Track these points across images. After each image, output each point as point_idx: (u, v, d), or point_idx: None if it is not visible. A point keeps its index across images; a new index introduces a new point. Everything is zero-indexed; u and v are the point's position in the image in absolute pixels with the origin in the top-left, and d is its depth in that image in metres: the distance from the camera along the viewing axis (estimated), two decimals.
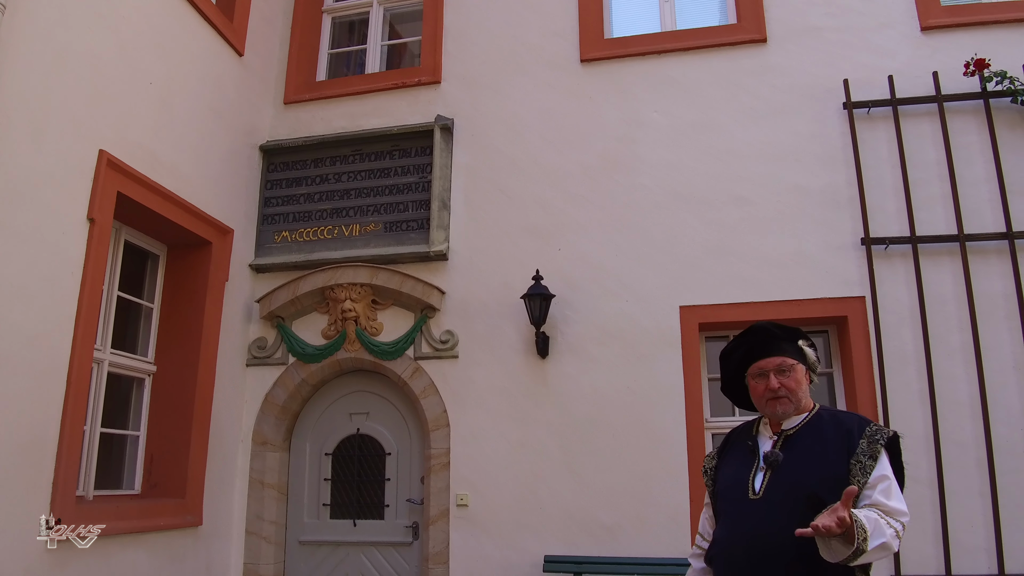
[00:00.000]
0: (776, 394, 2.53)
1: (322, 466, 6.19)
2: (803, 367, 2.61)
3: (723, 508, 2.58)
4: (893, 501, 2.33)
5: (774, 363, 2.56)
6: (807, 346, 2.66)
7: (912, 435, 5.10)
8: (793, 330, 2.67)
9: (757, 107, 5.84)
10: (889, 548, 2.24)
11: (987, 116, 5.46)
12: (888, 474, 2.38)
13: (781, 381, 2.54)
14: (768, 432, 2.61)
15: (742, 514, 2.46)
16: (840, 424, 2.50)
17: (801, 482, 2.38)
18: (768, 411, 2.59)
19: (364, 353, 5.98)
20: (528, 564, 5.39)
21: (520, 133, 6.20)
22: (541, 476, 5.53)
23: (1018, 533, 4.88)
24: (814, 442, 2.48)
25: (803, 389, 2.58)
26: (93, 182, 4.60)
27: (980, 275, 5.26)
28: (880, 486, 2.34)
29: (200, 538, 5.49)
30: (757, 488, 2.46)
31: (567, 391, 5.63)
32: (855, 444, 2.41)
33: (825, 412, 2.61)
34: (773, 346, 2.60)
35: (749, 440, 2.65)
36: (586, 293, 5.76)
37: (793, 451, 2.48)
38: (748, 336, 2.70)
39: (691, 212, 5.74)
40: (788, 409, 2.55)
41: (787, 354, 2.58)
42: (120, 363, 5.24)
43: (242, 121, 6.30)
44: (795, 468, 2.43)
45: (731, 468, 2.64)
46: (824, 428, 2.51)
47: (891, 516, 2.29)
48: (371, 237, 6.21)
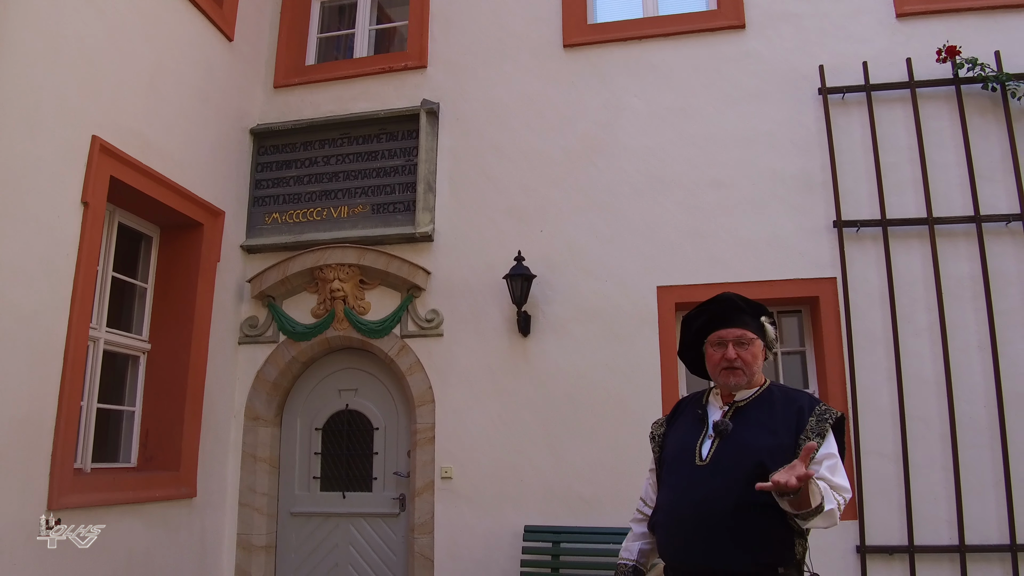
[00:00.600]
0: (732, 364, 2.54)
1: (312, 440, 6.39)
2: (761, 343, 2.62)
3: (668, 474, 2.58)
4: (838, 478, 2.36)
5: (734, 334, 2.57)
6: (768, 323, 2.67)
7: (879, 411, 5.31)
8: (757, 305, 2.68)
9: (734, 93, 5.96)
10: (834, 517, 2.27)
11: (958, 102, 5.59)
12: (835, 452, 2.42)
13: (739, 352, 2.54)
14: (718, 402, 2.63)
15: (688, 480, 2.46)
16: (791, 401, 2.53)
17: (748, 451, 2.39)
18: (721, 380, 2.59)
19: (352, 331, 6.16)
20: (509, 534, 5.60)
21: (504, 117, 6.33)
22: (522, 450, 5.72)
23: (978, 506, 5.08)
24: (764, 415, 2.50)
25: (758, 364, 2.59)
26: (86, 167, 4.74)
27: (948, 257, 5.42)
28: (827, 463, 2.37)
29: (195, 509, 5.69)
30: (704, 455, 2.47)
31: (548, 368, 5.80)
32: (804, 421, 2.44)
33: (776, 388, 2.63)
34: (736, 317, 2.60)
35: (699, 409, 2.65)
36: (566, 274, 5.91)
37: (742, 422, 2.50)
38: (713, 304, 2.69)
39: (668, 195, 5.88)
40: (741, 381, 2.56)
41: (748, 327, 2.59)
42: (115, 341, 5.41)
43: (232, 105, 6.42)
44: (743, 437, 2.45)
45: (679, 435, 2.64)
46: (775, 403, 2.53)
47: (835, 491, 2.32)
48: (359, 219, 6.37)
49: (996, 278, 5.32)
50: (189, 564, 5.58)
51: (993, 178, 5.47)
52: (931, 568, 5.06)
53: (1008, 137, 5.46)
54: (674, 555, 2.44)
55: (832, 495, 2.28)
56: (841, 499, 2.32)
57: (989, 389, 5.20)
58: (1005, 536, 5.00)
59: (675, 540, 2.44)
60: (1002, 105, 5.51)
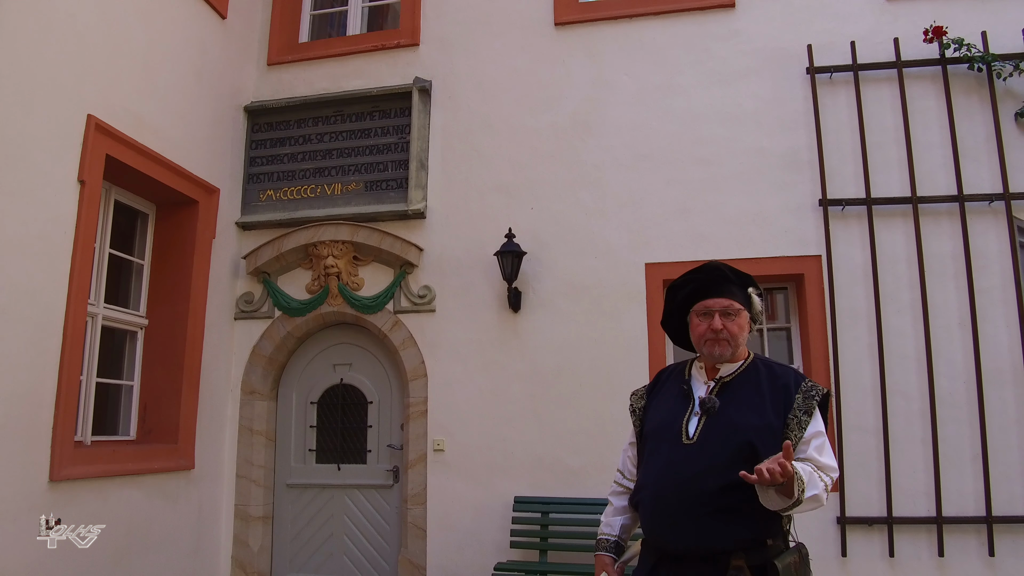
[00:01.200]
0: (718, 336, 2.48)
1: (308, 414, 6.51)
2: (747, 314, 2.55)
3: (653, 451, 2.51)
4: (825, 457, 2.35)
5: (721, 304, 2.50)
6: (755, 294, 2.60)
7: (860, 387, 5.42)
8: (745, 275, 2.61)
9: (723, 71, 6.00)
10: (819, 500, 2.26)
11: (944, 82, 5.65)
12: (822, 431, 2.40)
13: (725, 323, 2.48)
14: (703, 377, 2.56)
15: (675, 458, 2.40)
16: (776, 377, 2.48)
17: (737, 430, 2.35)
18: (706, 351, 2.52)
19: (346, 307, 6.26)
20: (499, 504, 5.74)
21: (495, 95, 6.38)
22: (512, 423, 5.85)
23: (956, 479, 5.22)
24: (750, 392, 2.45)
25: (744, 335, 2.52)
26: (82, 145, 4.81)
27: (931, 236, 5.51)
28: (815, 442, 2.36)
29: (193, 481, 5.83)
30: (691, 433, 2.41)
31: (537, 343, 5.91)
32: (791, 399, 2.40)
33: (760, 362, 2.57)
34: (723, 287, 2.54)
35: (683, 383, 2.59)
36: (556, 250, 6.00)
37: (729, 398, 2.44)
38: (699, 273, 2.61)
39: (656, 173, 5.95)
40: (726, 352, 2.49)
41: (735, 298, 2.52)
42: (113, 317, 5.51)
43: (226, 83, 6.47)
44: (731, 416, 2.40)
45: (663, 410, 2.57)
46: (760, 379, 2.48)
47: (822, 471, 2.31)
48: (352, 196, 6.44)
49: (978, 257, 5.41)
50: (188, 533, 5.73)
51: (977, 158, 5.54)
52: (909, 539, 5.21)
53: (992, 117, 5.52)
54: (661, 534, 2.40)
55: (818, 478, 2.28)
56: (828, 479, 2.31)
57: (969, 366, 5.31)
58: (981, 508, 5.15)
59: (662, 519, 2.40)
60: (987, 85, 5.56)
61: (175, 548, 5.56)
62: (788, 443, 2.13)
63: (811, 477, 2.23)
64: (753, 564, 2.25)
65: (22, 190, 4.37)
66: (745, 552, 2.26)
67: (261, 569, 6.18)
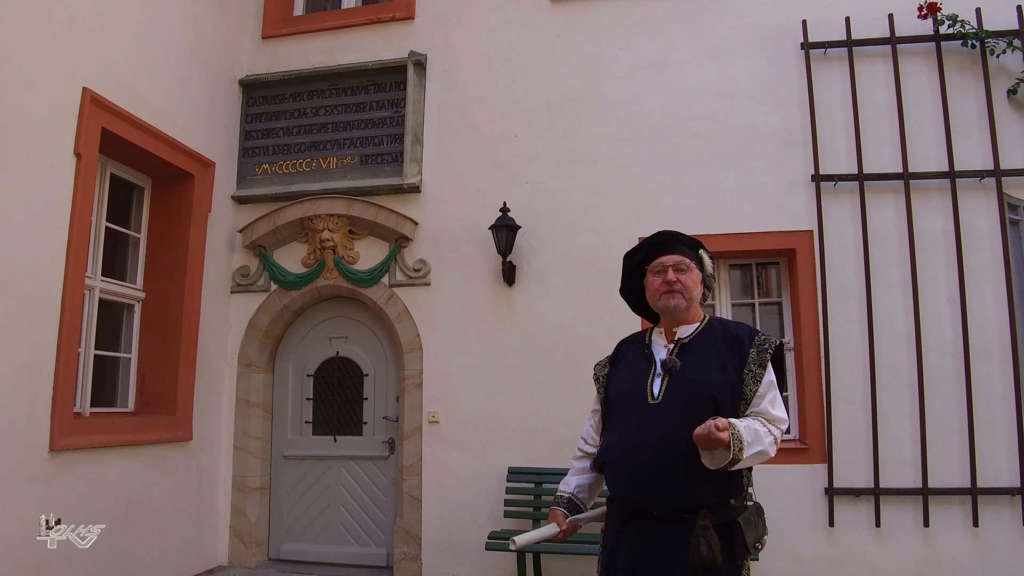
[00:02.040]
0: (672, 287, 2.59)
1: (304, 386, 6.58)
2: (699, 273, 2.67)
3: (619, 414, 2.60)
4: (776, 410, 2.45)
5: (673, 259, 2.62)
6: (706, 256, 2.73)
7: (850, 361, 5.50)
8: (696, 240, 2.75)
9: (717, 46, 6.01)
10: (766, 455, 2.35)
11: (938, 58, 5.67)
12: (774, 381, 2.51)
13: (678, 277, 2.59)
14: (663, 340, 2.66)
15: (641, 419, 2.48)
16: (730, 333, 2.59)
17: (699, 387, 2.45)
18: (661, 304, 2.63)
19: (342, 281, 6.30)
20: (493, 475, 5.83)
21: (490, 69, 6.38)
22: (506, 395, 5.92)
23: (942, 451, 5.32)
24: (709, 350, 2.55)
25: (697, 291, 2.64)
26: (78, 119, 4.83)
27: (922, 212, 5.56)
28: (768, 395, 2.46)
29: (190, 452, 5.91)
30: (656, 393, 2.49)
31: (531, 317, 5.97)
32: (746, 353, 2.51)
33: (716, 322, 2.68)
34: (675, 247, 2.67)
35: (644, 349, 2.68)
36: (550, 225, 6.04)
37: (689, 358, 2.54)
38: (653, 237, 2.76)
39: (650, 148, 5.98)
40: (681, 304, 2.59)
41: (686, 255, 2.65)
42: (110, 290, 5.56)
43: (221, 56, 6.46)
44: (693, 374, 2.49)
45: (626, 375, 2.66)
46: (717, 337, 2.59)
47: (773, 424, 2.42)
48: (348, 170, 6.46)
49: (968, 233, 5.47)
50: (187, 503, 5.82)
51: (969, 134, 5.57)
52: (895, 509, 5.31)
53: (985, 94, 5.54)
54: (629, 492, 2.48)
55: (765, 432, 2.37)
56: (778, 432, 2.41)
57: (957, 341, 5.39)
58: (967, 480, 5.24)
59: (629, 477, 2.47)
60: (980, 62, 5.58)
61: (175, 518, 5.65)
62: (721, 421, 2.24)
63: (756, 435, 2.33)
64: (717, 523, 2.34)
65: (19, 163, 4.40)
66: (710, 510, 2.35)
67: (259, 538, 6.28)
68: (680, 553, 2.33)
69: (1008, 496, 5.20)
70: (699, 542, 2.29)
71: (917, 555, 5.24)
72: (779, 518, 5.36)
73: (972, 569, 5.17)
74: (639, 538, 2.44)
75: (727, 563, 2.34)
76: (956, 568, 5.18)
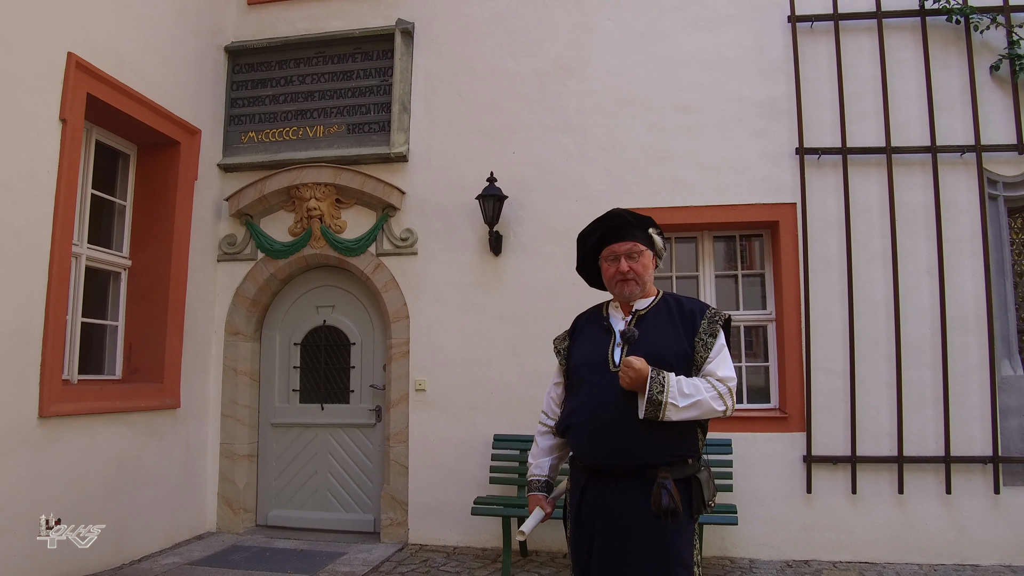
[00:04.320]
0: (625, 276, 2.71)
1: (291, 355, 6.62)
2: (651, 253, 2.79)
3: (581, 381, 2.73)
4: (722, 370, 2.61)
5: (625, 248, 2.73)
6: (656, 234, 2.84)
7: (830, 331, 5.61)
8: (646, 218, 2.84)
9: (705, 17, 6.03)
10: (707, 406, 2.53)
11: (923, 33, 5.72)
12: (724, 344, 2.69)
13: (630, 265, 2.72)
14: (620, 313, 2.80)
15: (603, 384, 2.63)
16: (683, 307, 2.76)
17: (655, 354, 2.59)
18: (617, 291, 2.77)
19: (329, 250, 6.31)
20: (479, 442, 5.92)
21: (478, 38, 6.36)
22: (492, 363, 6.00)
23: (918, 420, 5.46)
24: (664, 322, 2.72)
25: (649, 273, 2.77)
26: (63, 84, 4.81)
27: (904, 186, 5.64)
28: (717, 358, 2.64)
29: (178, 419, 5.95)
30: (617, 361, 2.64)
31: (518, 286, 6.03)
32: (697, 325, 2.69)
33: (670, 297, 2.82)
34: (626, 231, 2.76)
35: (603, 322, 2.82)
36: (537, 194, 6.07)
37: (646, 328, 2.69)
38: (604, 221, 2.84)
39: (637, 118, 6.01)
40: (635, 290, 2.74)
41: (638, 240, 2.76)
42: (97, 257, 5.55)
43: (207, 22, 6.39)
44: (650, 342, 2.64)
45: (587, 346, 2.80)
46: (671, 310, 2.75)
47: (721, 381, 2.58)
48: (334, 138, 6.45)
49: (948, 207, 5.56)
50: (175, 470, 5.87)
51: (952, 109, 5.65)
52: (871, 477, 5.46)
53: (968, 69, 5.61)
54: (592, 453, 2.64)
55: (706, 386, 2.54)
56: (723, 387, 2.57)
57: (934, 312, 5.51)
58: (941, 448, 5.40)
59: (592, 439, 2.63)
60: (964, 38, 5.64)
61: (164, 483, 5.71)
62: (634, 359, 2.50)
63: (695, 387, 2.53)
64: (676, 478, 2.53)
65: (4, 129, 4.38)
66: (668, 467, 2.53)
67: (247, 505, 6.35)
68: (641, 505, 2.51)
69: (980, 464, 5.35)
70: (660, 492, 2.47)
71: (891, 520, 5.40)
72: (759, 485, 5.51)
73: (944, 534, 5.34)
74: (602, 495, 2.61)
75: (685, 516, 2.54)
76: (928, 533, 5.35)
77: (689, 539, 2.58)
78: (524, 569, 5.30)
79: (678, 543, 2.53)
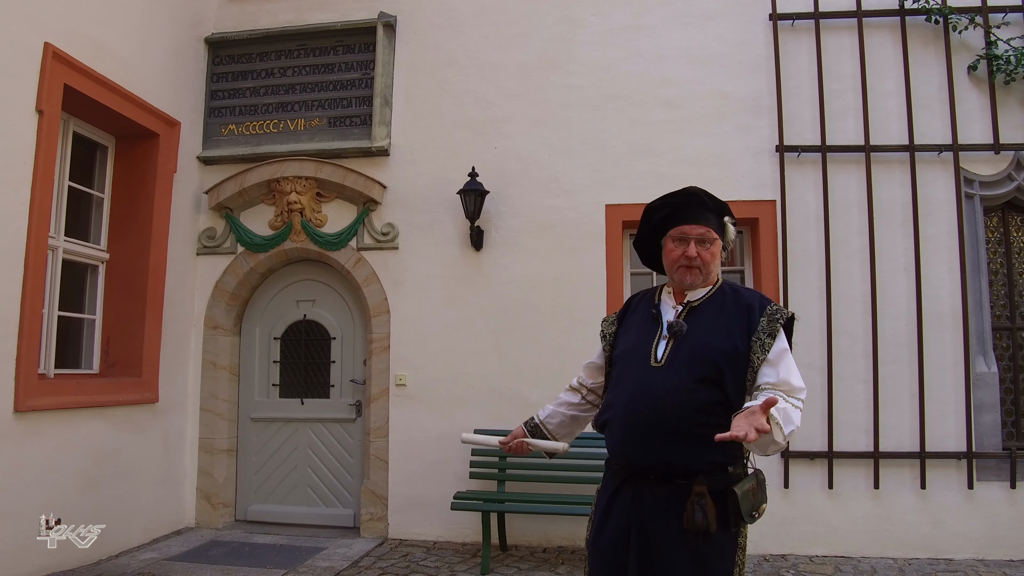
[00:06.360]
0: (691, 263, 2.48)
1: (271, 349, 6.59)
2: (721, 243, 2.54)
3: (622, 373, 2.54)
4: (794, 379, 2.35)
5: (697, 231, 2.48)
6: (731, 223, 2.58)
7: (809, 327, 5.64)
8: (722, 203, 2.58)
9: (689, 12, 6.05)
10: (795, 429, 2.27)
11: (902, 33, 5.78)
12: (786, 348, 2.41)
13: (699, 251, 2.47)
14: (672, 301, 2.57)
15: (643, 380, 2.43)
16: (741, 300, 2.50)
17: (703, 352, 2.38)
18: (677, 278, 2.53)
19: (309, 243, 6.28)
20: (459, 436, 5.87)
21: (462, 31, 6.34)
22: (474, 357, 6.00)
23: (894, 416, 5.53)
24: (717, 315, 2.47)
25: (716, 263, 2.53)
26: (40, 74, 4.74)
27: (882, 184, 5.71)
28: (782, 364, 2.37)
29: (157, 413, 5.90)
30: (660, 356, 2.43)
31: (499, 280, 6.02)
32: (756, 321, 2.41)
33: (727, 287, 2.57)
34: (701, 214, 2.50)
35: (652, 308, 2.59)
36: (520, 188, 6.07)
37: (696, 322, 2.46)
38: (679, 197, 2.56)
39: (620, 112, 6.02)
40: (697, 280, 2.50)
41: (712, 225, 2.50)
42: (74, 250, 5.49)
43: (187, 12, 6.32)
44: (698, 339, 2.42)
45: (632, 334, 2.59)
46: (726, 302, 2.50)
47: (793, 395, 2.32)
48: (316, 132, 6.41)
49: (925, 205, 5.63)
50: (155, 464, 5.84)
51: (930, 107, 5.71)
52: (848, 471, 5.53)
53: (946, 69, 5.68)
54: (627, 451, 2.45)
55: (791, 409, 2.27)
56: (799, 402, 2.32)
57: (911, 308, 5.58)
58: (916, 444, 5.47)
59: (628, 438, 2.43)
60: (943, 38, 5.71)
61: (143, 477, 5.67)
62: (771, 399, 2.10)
63: (786, 415, 2.24)
64: (714, 489, 2.31)
65: None
66: (707, 476, 2.32)
67: (226, 500, 6.32)
68: (675, 516, 2.32)
69: (955, 460, 5.43)
70: (694, 509, 2.27)
71: (868, 515, 5.47)
72: None
73: (919, 528, 5.41)
74: (635, 499, 2.42)
75: (721, 530, 2.31)
76: (904, 527, 5.43)
77: (727, 555, 2.37)
78: (503, 563, 5.31)
79: (713, 560, 2.33)
